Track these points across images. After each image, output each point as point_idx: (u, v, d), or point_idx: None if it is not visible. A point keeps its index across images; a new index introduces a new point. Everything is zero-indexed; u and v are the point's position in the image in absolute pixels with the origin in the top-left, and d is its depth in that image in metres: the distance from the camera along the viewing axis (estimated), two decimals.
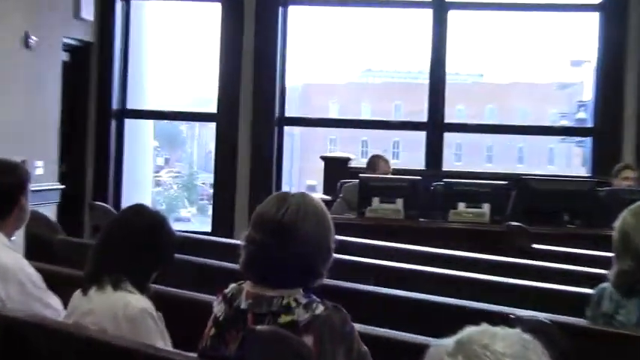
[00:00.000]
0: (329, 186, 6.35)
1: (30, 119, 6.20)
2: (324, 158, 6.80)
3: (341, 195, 5.75)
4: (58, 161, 6.65)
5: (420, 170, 6.86)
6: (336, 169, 6.52)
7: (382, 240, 4.22)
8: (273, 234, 1.93)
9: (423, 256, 3.91)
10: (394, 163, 6.22)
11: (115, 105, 7.29)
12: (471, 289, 3.16)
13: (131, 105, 7.41)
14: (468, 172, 7.17)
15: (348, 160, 6.66)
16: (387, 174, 5.76)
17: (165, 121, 10.26)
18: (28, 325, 2.34)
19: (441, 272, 3.43)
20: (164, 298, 2.47)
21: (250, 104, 7.05)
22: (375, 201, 5.15)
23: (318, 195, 5.95)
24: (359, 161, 7.16)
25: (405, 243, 4.14)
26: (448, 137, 7.24)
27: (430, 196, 5.55)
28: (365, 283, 3.16)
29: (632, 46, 6.73)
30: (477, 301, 2.85)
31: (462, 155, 16.78)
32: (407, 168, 7.09)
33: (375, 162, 5.92)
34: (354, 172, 5.93)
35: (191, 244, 3.97)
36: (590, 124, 7.16)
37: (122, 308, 2.27)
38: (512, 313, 2.50)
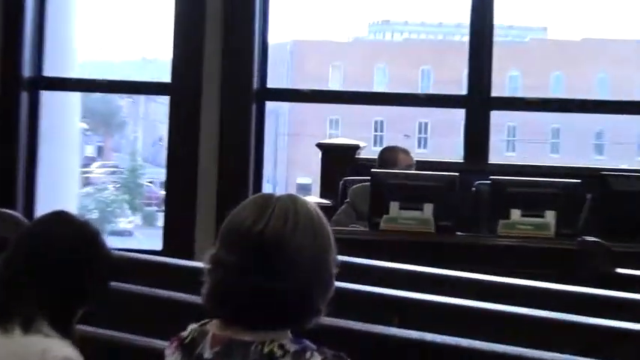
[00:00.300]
0: (328, 186, 6.35)
1: None
2: (321, 147, 6.79)
3: (347, 199, 5.76)
4: None
5: (458, 163, 6.85)
6: (338, 162, 6.52)
7: (405, 262, 4.22)
8: (250, 254, 1.93)
9: (463, 284, 3.91)
10: (421, 154, 6.27)
11: (26, 71, 7.27)
12: (533, 332, 3.16)
13: (50, 71, 7.39)
14: (525, 166, 7.16)
15: (355, 149, 6.66)
16: (410, 169, 5.76)
17: (99, 94, 10.24)
18: None
19: (490, 308, 3.43)
20: (96, 344, 2.47)
21: (218, 70, 7.03)
22: (394, 207, 5.15)
23: (314, 198, 5.94)
24: (371, 151, 7.17)
25: (438, 266, 4.14)
26: (497, 117, 7.23)
27: (471, 201, 5.55)
28: (382, 322, 3.16)
29: None
30: (542, 347, 2.86)
31: (517, 143, 16.79)
32: (438, 160, 7.08)
33: (392, 156, 5.93)
34: (364, 167, 5.92)
35: (134, 267, 3.96)
36: None
37: (37, 358, 2.27)
38: None
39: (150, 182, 16.01)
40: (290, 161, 16.28)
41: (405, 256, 4.40)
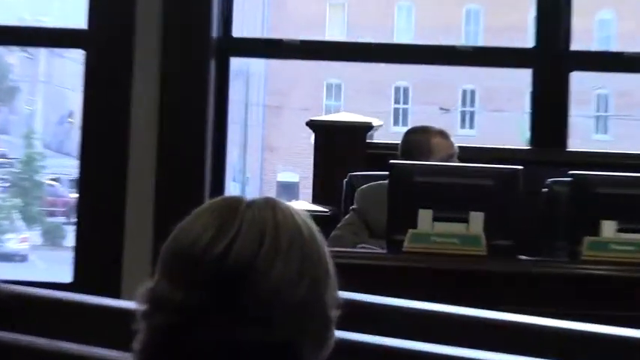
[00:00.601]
0: (325, 185, 6.41)
1: None
2: (315, 126, 6.84)
3: (353, 206, 5.80)
4: None
5: (521, 151, 6.88)
6: (340, 149, 6.57)
7: (439, 300, 4.23)
8: (207, 288, 1.92)
9: (528, 333, 3.91)
10: (466, 137, 6.28)
11: None
12: None
13: None
14: (623, 155, 7.18)
15: (366, 129, 6.69)
16: (449, 161, 5.81)
17: None
18: None
19: None
20: None
21: (159, 11, 7.05)
22: (426, 218, 5.18)
23: (303, 204, 5.95)
24: (389, 132, 7.18)
25: (489, 307, 4.15)
26: (580, 81, 7.25)
27: (542, 208, 5.55)
28: None
29: None
30: None
31: (610, 120, 16.83)
32: (492, 147, 7.10)
33: (422, 141, 6.01)
34: (380, 157, 5.95)
35: (30, 307, 3.96)
36: None
37: None
38: None
39: (54, 180, 16.05)
40: (268, 147, 16.33)
41: (441, 291, 4.41)
